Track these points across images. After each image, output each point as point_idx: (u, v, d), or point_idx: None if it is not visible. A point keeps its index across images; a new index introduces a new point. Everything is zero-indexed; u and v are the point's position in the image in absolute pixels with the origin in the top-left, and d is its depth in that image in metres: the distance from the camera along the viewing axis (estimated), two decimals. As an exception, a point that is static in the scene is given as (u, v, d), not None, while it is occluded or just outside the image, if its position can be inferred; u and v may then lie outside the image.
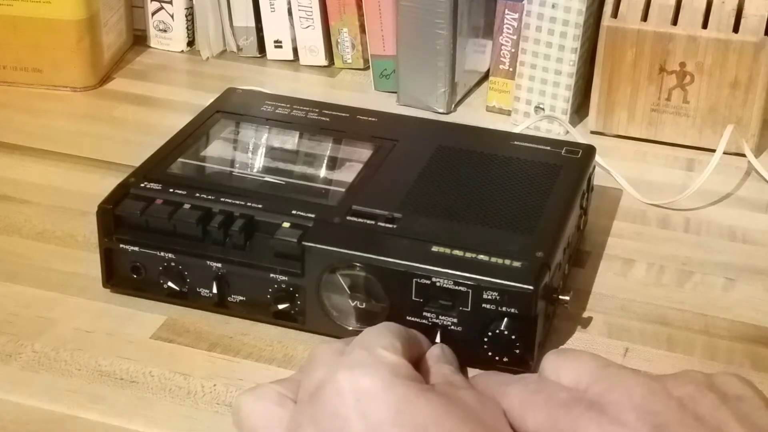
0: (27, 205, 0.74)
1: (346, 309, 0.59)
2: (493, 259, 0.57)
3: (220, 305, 0.62)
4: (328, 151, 0.71)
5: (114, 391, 0.57)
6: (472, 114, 0.90)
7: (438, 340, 0.58)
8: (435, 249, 0.58)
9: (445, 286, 0.57)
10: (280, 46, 0.98)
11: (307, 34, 0.96)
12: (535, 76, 0.85)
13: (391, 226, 0.60)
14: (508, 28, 0.88)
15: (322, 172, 0.68)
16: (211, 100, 0.77)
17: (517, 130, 0.81)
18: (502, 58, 0.89)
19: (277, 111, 0.74)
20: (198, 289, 0.62)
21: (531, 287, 0.56)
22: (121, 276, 0.64)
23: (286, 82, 0.95)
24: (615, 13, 0.82)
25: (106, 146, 0.83)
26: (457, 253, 0.58)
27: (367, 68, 0.96)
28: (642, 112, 0.84)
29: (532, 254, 0.58)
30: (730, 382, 0.46)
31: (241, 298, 0.62)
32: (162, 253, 0.62)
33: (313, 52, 0.97)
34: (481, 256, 0.57)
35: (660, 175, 0.81)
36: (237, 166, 0.68)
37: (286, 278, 0.60)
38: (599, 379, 0.47)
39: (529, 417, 0.47)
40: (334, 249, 0.58)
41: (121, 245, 0.62)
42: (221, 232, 0.61)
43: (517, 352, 0.57)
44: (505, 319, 0.56)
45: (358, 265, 0.58)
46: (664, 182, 0.80)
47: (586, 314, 0.64)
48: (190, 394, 0.57)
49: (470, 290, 0.56)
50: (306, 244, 0.59)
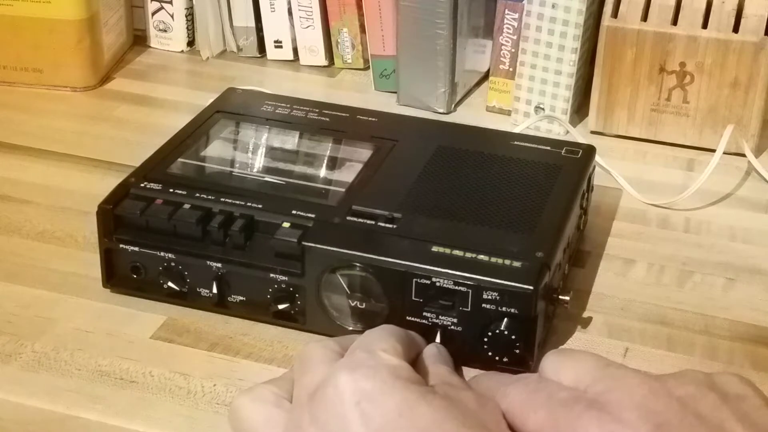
0: (27, 205, 0.74)
1: (346, 309, 0.59)
2: (493, 259, 0.57)
3: (220, 305, 0.62)
4: (328, 151, 0.71)
5: (114, 391, 0.57)
6: (472, 114, 0.90)
7: (438, 340, 0.58)
8: (435, 249, 0.58)
9: (445, 286, 0.57)
10: (280, 46, 0.98)
11: (307, 34, 0.96)
12: (535, 76, 0.85)
13: (391, 226, 0.60)
14: (508, 28, 0.88)
15: (322, 172, 0.68)
16: (211, 100, 0.77)
17: (517, 130, 0.81)
18: (502, 58, 0.89)
19: (277, 111, 0.74)
20: (198, 289, 0.62)
21: (531, 287, 0.56)
22: (121, 276, 0.63)
23: (286, 82, 0.95)
24: (615, 13, 0.82)
25: (106, 146, 0.83)
26: (457, 253, 0.58)
27: (367, 68, 0.96)
28: (642, 112, 0.84)
29: (532, 254, 0.58)
30: (731, 382, 0.46)
31: (241, 298, 0.62)
32: (162, 253, 0.62)
33: (313, 52, 0.97)
34: (481, 256, 0.57)
35: (660, 175, 0.81)
36: (237, 166, 0.68)
37: (286, 278, 0.60)
38: (600, 379, 0.47)
39: (529, 417, 0.47)
40: (334, 249, 0.58)
41: (121, 245, 0.62)
42: (221, 232, 0.61)
43: (517, 352, 0.57)
44: (505, 319, 0.56)
45: (358, 265, 0.58)
46: (664, 182, 0.80)
47: (586, 314, 0.64)
48: (190, 394, 0.57)
49: (470, 290, 0.56)
50: (306, 244, 0.59)
